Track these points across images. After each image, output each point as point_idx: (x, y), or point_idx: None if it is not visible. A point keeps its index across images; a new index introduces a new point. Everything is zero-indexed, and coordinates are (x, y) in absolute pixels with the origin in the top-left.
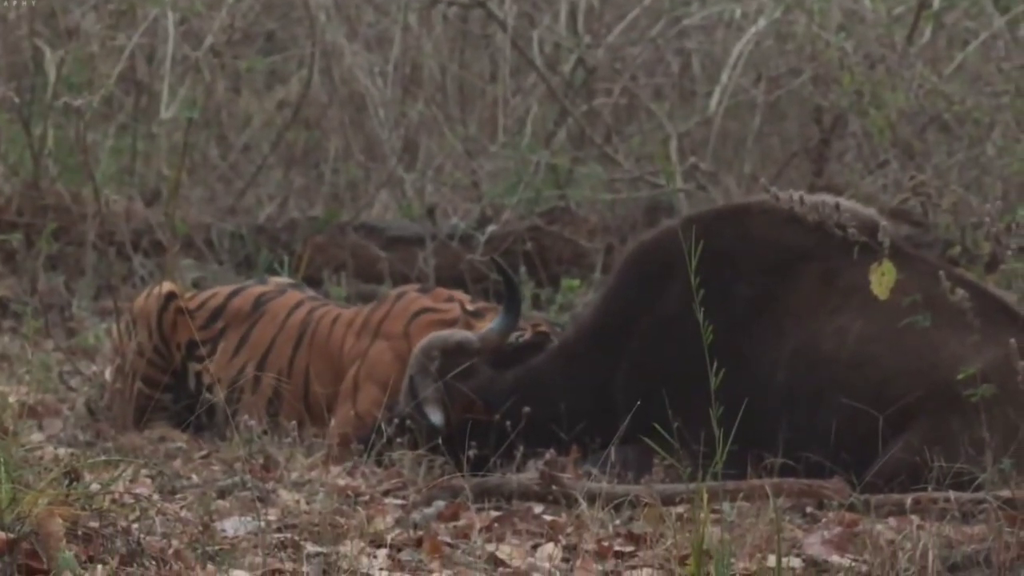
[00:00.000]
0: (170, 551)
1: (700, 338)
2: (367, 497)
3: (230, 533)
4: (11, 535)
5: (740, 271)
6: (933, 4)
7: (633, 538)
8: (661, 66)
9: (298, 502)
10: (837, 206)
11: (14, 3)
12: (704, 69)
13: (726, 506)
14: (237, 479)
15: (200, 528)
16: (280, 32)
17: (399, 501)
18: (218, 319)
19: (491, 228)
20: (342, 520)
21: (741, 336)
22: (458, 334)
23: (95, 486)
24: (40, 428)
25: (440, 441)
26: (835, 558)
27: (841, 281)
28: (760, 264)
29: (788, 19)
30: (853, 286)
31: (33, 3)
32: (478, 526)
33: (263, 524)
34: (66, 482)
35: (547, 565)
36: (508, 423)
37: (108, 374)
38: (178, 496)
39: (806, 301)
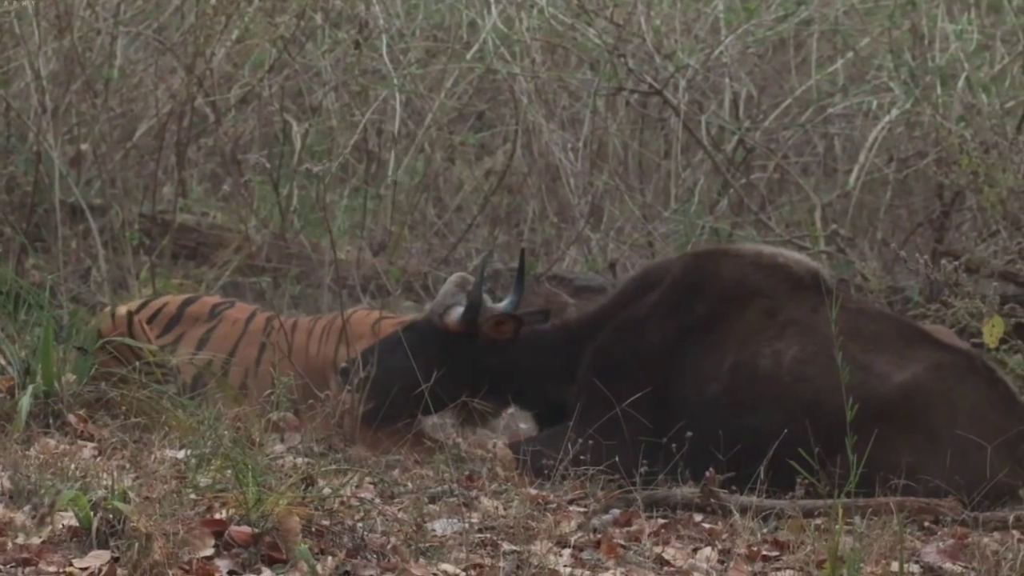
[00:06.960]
0: (388, 547)
1: (650, 341)
2: (555, 505)
3: (439, 532)
4: (256, 530)
5: (703, 296)
6: None
7: (778, 545)
8: (809, 147)
9: (497, 508)
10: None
11: (267, 83)
12: (845, 151)
13: (857, 519)
14: (446, 487)
15: (414, 528)
16: (489, 112)
17: (581, 509)
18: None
19: None
20: (533, 524)
21: (688, 347)
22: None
23: (327, 490)
24: (282, 440)
25: (616, 459)
26: (948, 565)
27: (781, 316)
28: (718, 293)
29: (916, 110)
30: (791, 320)
31: (284, 85)
32: (647, 531)
33: (467, 525)
34: (303, 487)
35: (705, 566)
36: (674, 446)
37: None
38: (396, 500)
39: (748, 327)
